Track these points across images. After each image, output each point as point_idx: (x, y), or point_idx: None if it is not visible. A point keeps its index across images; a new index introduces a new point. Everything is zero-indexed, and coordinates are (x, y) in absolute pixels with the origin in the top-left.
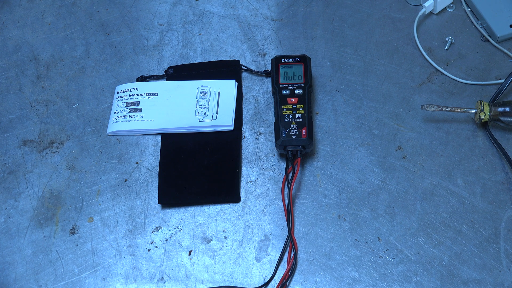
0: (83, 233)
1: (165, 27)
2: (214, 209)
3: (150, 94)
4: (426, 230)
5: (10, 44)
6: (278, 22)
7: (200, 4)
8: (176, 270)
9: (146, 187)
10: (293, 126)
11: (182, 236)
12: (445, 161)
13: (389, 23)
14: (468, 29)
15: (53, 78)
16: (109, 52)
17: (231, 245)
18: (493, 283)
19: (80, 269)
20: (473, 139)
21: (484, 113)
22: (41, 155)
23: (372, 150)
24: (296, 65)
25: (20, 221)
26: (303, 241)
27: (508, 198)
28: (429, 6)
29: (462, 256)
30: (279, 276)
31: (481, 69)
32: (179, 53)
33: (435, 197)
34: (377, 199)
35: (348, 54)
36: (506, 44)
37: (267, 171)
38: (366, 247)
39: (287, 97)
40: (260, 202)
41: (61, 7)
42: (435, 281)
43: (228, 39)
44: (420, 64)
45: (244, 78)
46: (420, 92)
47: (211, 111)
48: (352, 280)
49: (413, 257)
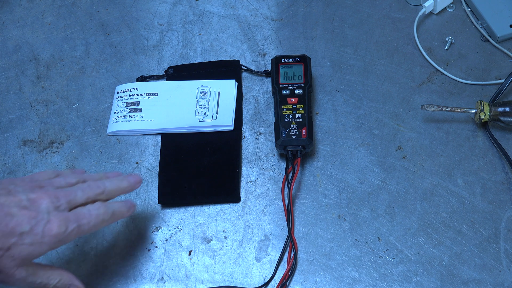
0: None
1: (165, 27)
2: (214, 209)
3: (150, 94)
4: (426, 230)
5: (10, 44)
6: (278, 22)
7: (200, 4)
8: (176, 270)
9: (146, 187)
10: (293, 126)
11: (182, 236)
12: (445, 161)
13: (389, 23)
14: (468, 29)
15: (53, 78)
16: (109, 52)
17: (231, 245)
18: (493, 283)
19: (80, 269)
20: (473, 139)
21: (484, 113)
22: (41, 155)
23: (372, 150)
24: (296, 65)
25: None
26: (303, 241)
27: (508, 198)
28: (429, 6)
29: (462, 256)
30: (279, 276)
31: (481, 69)
32: (179, 53)
33: (435, 197)
34: (377, 199)
35: (348, 54)
36: (506, 44)
37: (267, 171)
38: (366, 247)
39: (287, 97)
40: (260, 202)
41: (61, 7)
42: (435, 281)
43: (228, 39)
44: (420, 64)
45: (244, 78)
46: (420, 92)
47: (211, 111)
48: (352, 280)
49: (413, 257)
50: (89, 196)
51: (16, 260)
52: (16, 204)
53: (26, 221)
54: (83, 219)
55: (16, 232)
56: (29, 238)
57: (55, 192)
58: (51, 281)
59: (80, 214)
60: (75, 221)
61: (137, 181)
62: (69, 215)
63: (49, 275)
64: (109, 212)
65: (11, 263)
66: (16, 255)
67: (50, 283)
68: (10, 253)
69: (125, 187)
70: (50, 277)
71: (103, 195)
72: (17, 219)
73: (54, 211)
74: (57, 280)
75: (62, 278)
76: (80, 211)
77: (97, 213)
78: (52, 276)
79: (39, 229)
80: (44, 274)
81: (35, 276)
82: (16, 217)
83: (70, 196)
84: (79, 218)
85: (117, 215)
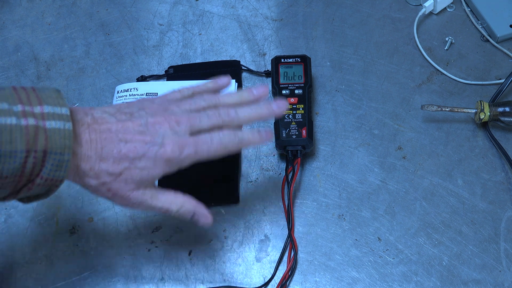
0: (83, 233)
1: (165, 27)
2: (214, 209)
3: (150, 94)
4: (426, 230)
5: (10, 44)
6: (278, 22)
7: (200, 4)
8: (176, 270)
9: None
10: (293, 126)
11: (182, 236)
12: (445, 161)
13: (389, 23)
14: (468, 29)
15: (53, 78)
16: (109, 52)
17: (231, 245)
18: (493, 283)
19: (80, 269)
20: (473, 139)
21: (484, 113)
22: None
23: (372, 150)
24: (296, 65)
25: (20, 221)
26: (303, 241)
27: (508, 198)
28: (429, 6)
29: (462, 256)
30: (279, 276)
31: (481, 69)
32: (179, 53)
33: (435, 197)
34: (377, 199)
35: (348, 54)
36: (506, 44)
37: (267, 171)
38: (366, 247)
39: (287, 97)
40: (260, 202)
41: (61, 7)
42: (435, 281)
43: (228, 39)
44: (420, 64)
45: (244, 78)
46: (420, 92)
47: None
48: (352, 280)
49: (413, 257)
50: (215, 124)
51: (129, 184)
52: (133, 130)
53: (140, 146)
54: (203, 145)
55: (129, 157)
56: (142, 163)
57: (177, 117)
58: (173, 206)
59: (200, 140)
60: (193, 146)
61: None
62: (187, 140)
63: (171, 200)
64: (235, 141)
65: (125, 187)
66: (128, 179)
67: (172, 209)
68: (122, 178)
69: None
70: (172, 202)
71: (233, 123)
72: (130, 145)
73: (171, 135)
74: (179, 206)
75: (185, 204)
76: (201, 137)
77: (220, 141)
78: (175, 201)
79: (152, 154)
80: (165, 199)
81: (155, 200)
82: (129, 143)
83: (193, 121)
84: (198, 144)
85: (245, 143)
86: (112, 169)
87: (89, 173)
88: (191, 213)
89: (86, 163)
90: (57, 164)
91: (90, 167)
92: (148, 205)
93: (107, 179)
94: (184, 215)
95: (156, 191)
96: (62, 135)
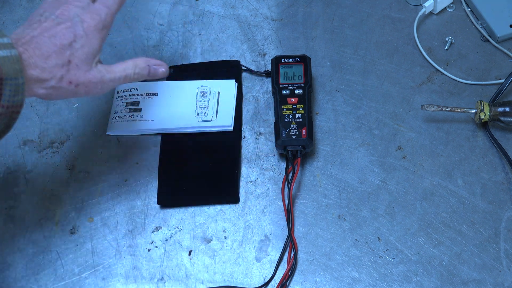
0: (83, 233)
1: (165, 27)
2: (214, 209)
3: (150, 94)
4: (426, 230)
5: None
6: (278, 22)
7: (200, 4)
8: (176, 270)
9: (146, 187)
10: (293, 126)
11: (182, 236)
12: (445, 161)
13: (389, 23)
14: (468, 29)
15: None
16: (109, 52)
17: (231, 245)
18: (493, 283)
19: (80, 269)
20: (473, 139)
21: (484, 113)
22: (41, 155)
23: (372, 150)
24: (296, 65)
25: (20, 221)
26: (303, 241)
27: (508, 198)
28: (429, 6)
29: (462, 256)
30: (279, 276)
31: (481, 69)
32: (179, 53)
33: (435, 197)
34: (377, 199)
35: (348, 54)
36: (506, 44)
37: (267, 171)
38: (366, 247)
39: (287, 97)
40: (260, 202)
41: None
42: (435, 281)
43: (228, 39)
44: (420, 64)
45: (244, 78)
46: (420, 92)
47: (211, 111)
48: (352, 280)
49: (413, 257)
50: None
51: (82, 66)
52: (52, 26)
53: (67, 32)
54: (107, 1)
55: (65, 44)
56: (78, 43)
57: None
58: (128, 71)
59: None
60: (103, 6)
61: None
62: (95, 6)
63: (124, 67)
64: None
65: (80, 71)
66: (78, 62)
67: (129, 73)
68: (72, 64)
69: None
70: (126, 68)
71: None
72: (59, 36)
73: (81, 10)
74: (133, 67)
75: (137, 63)
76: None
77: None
78: (128, 66)
79: (80, 31)
80: (119, 68)
81: (112, 73)
82: (57, 34)
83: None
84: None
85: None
86: (60, 60)
87: (43, 76)
88: (147, 69)
89: (35, 68)
90: (15, 89)
91: (41, 69)
92: (109, 79)
93: (62, 72)
94: (142, 73)
95: (108, 65)
96: (11, 61)
